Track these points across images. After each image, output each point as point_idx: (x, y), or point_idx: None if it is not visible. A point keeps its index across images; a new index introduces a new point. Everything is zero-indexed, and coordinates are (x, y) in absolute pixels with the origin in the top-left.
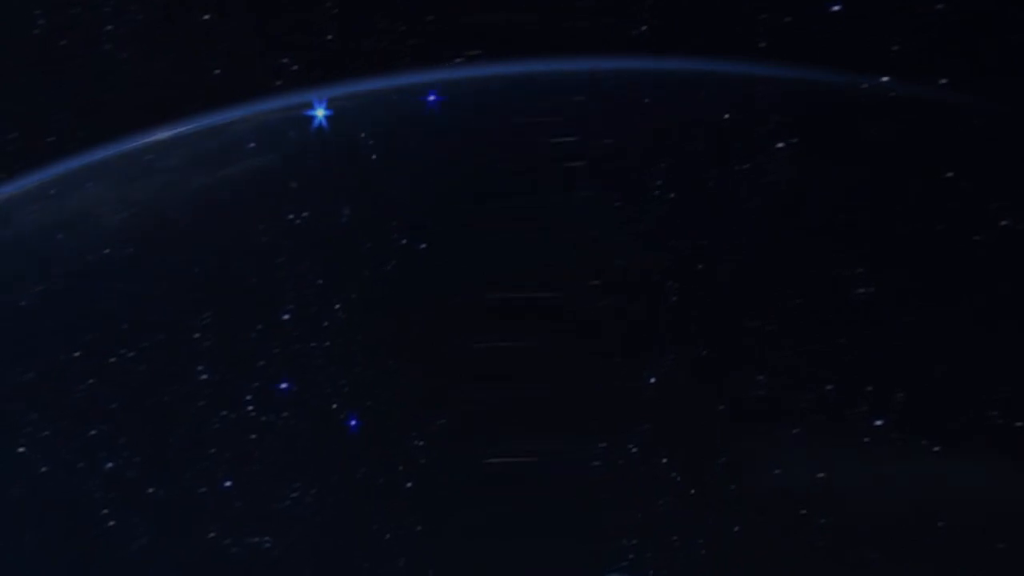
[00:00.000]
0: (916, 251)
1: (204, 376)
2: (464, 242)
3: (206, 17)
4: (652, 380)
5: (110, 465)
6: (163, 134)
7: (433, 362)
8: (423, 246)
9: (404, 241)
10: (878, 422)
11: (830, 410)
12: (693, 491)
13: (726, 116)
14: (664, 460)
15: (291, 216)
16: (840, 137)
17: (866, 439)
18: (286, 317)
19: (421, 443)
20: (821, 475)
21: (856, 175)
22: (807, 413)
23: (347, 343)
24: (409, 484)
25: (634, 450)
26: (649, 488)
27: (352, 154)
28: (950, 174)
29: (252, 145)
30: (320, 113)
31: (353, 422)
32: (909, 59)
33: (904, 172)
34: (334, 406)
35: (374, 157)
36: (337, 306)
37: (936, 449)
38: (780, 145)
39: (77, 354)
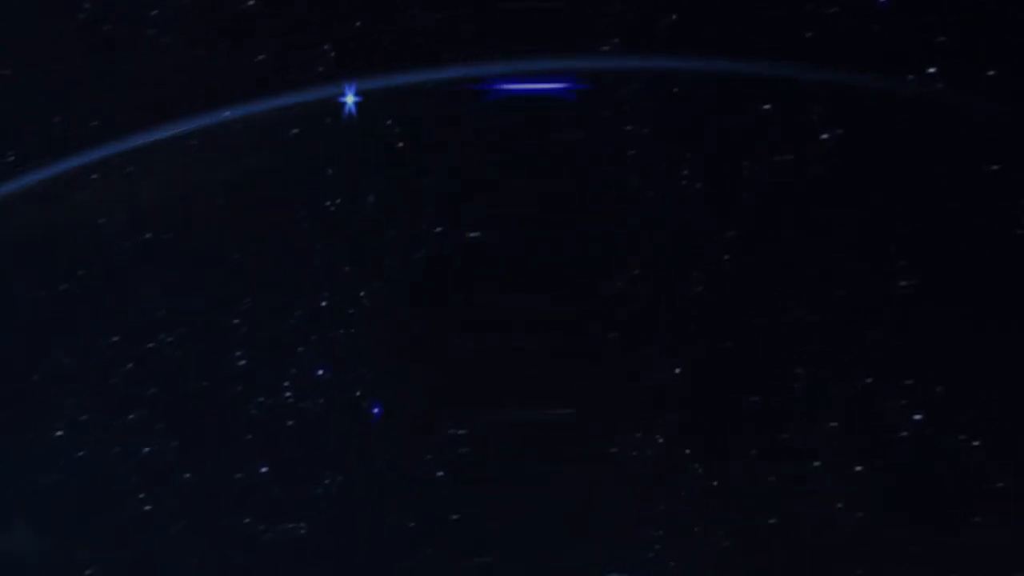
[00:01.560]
0: (959, 245)
1: (242, 362)
2: (493, 231)
3: (250, 3)
4: (677, 371)
5: (147, 450)
6: (205, 120)
7: (462, 352)
8: (452, 235)
9: (438, 229)
10: (917, 416)
11: (869, 403)
12: (716, 483)
13: (766, 107)
14: (687, 451)
15: (328, 203)
16: (883, 129)
17: (904, 433)
18: (324, 304)
19: (462, 432)
20: (858, 468)
21: (898, 167)
22: (845, 406)
23: (377, 330)
24: (440, 473)
25: (660, 440)
26: (675, 480)
27: (382, 143)
28: (995, 167)
29: (295, 131)
30: (350, 100)
31: (376, 410)
32: (956, 52)
33: (947, 164)
34: (358, 393)
35: (401, 145)
36: (367, 292)
37: (975, 444)
38: (824, 136)
39: (116, 339)
